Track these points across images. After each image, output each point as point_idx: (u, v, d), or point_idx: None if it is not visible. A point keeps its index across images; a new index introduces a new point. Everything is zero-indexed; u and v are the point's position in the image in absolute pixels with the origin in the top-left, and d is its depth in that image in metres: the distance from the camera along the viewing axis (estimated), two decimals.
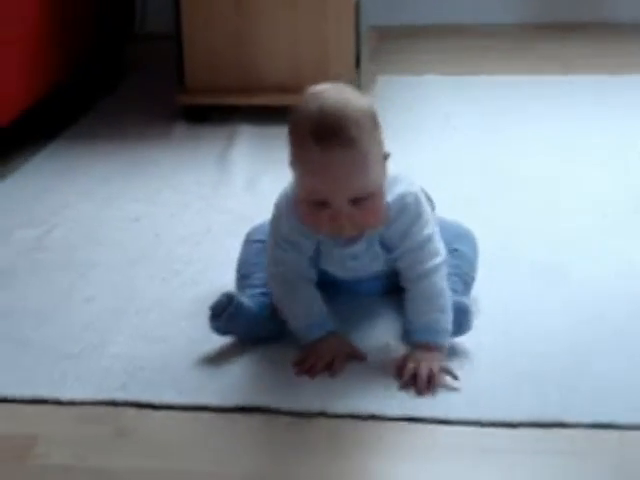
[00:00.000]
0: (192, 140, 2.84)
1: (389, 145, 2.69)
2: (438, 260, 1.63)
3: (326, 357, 1.60)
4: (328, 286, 1.73)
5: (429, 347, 1.59)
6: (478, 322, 1.71)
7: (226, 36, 2.99)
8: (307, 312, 1.65)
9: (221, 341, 1.70)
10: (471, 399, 1.53)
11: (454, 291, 1.68)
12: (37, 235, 2.20)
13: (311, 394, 1.56)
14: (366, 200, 1.55)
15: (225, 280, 1.90)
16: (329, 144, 1.50)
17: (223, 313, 1.66)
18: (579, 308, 1.80)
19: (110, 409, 1.55)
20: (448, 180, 2.42)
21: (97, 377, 1.63)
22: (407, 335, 1.65)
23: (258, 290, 1.73)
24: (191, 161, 2.67)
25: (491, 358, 1.64)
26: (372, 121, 1.57)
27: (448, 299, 1.62)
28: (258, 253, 1.78)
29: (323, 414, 1.51)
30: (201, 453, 1.44)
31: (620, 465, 1.39)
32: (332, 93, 1.56)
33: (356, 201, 1.54)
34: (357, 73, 3.00)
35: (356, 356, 1.63)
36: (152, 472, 1.40)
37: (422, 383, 1.53)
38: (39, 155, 2.73)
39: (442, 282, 1.63)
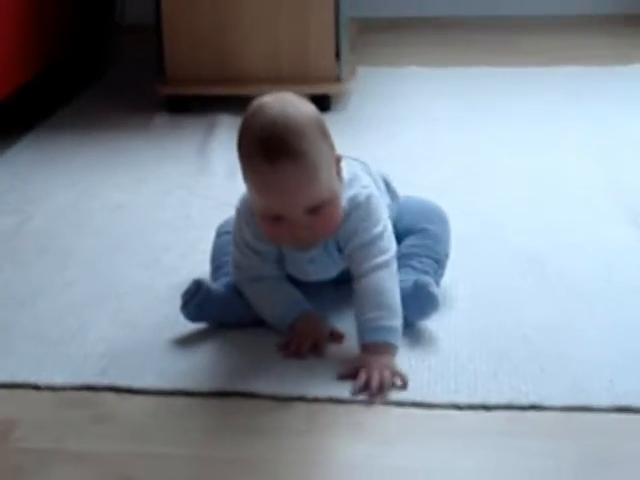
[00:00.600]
0: (173, 130, 2.85)
1: (369, 136, 2.74)
2: (386, 257, 1.60)
3: (310, 337, 1.61)
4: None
5: (378, 348, 1.55)
6: (457, 307, 1.73)
7: (207, 27, 2.99)
8: (280, 299, 1.66)
9: (201, 327, 1.71)
10: (448, 383, 1.54)
11: (425, 272, 1.69)
12: (17, 223, 2.20)
13: (290, 378, 1.56)
14: (322, 208, 1.54)
15: (205, 267, 1.90)
16: (276, 158, 1.49)
17: (192, 300, 1.66)
18: (558, 294, 1.81)
19: (89, 394, 1.55)
20: (428, 170, 2.43)
21: (76, 362, 1.62)
22: (358, 336, 1.59)
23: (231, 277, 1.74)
24: (172, 150, 2.67)
25: (469, 342, 1.65)
26: (318, 129, 1.55)
27: (397, 298, 1.59)
28: (229, 244, 1.77)
29: (302, 398, 1.51)
30: (179, 437, 1.44)
31: (596, 448, 1.39)
32: (275, 105, 1.54)
33: (312, 210, 1.53)
34: (337, 64, 3.01)
35: (335, 336, 1.64)
36: (131, 456, 1.40)
37: (373, 393, 1.50)
38: (19, 144, 2.73)
39: (390, 281, 1.59)
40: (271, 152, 1.49)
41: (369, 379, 1.51)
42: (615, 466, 1.36)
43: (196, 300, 1.67)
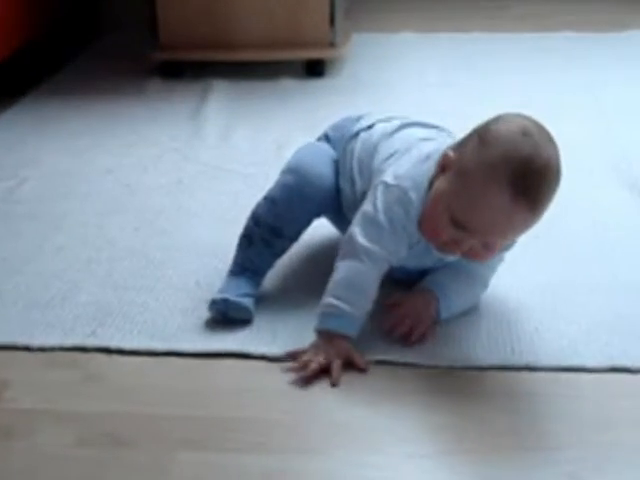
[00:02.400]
0: (166, 95, 2.83)
1: (362, 101, 2.72)
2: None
3: (321, 355, 1.47)
4: None
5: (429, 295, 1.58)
6: None
7: None
8: (351, 306, 1.50)
9: (192, 289, 1.70)
10: (442, 344, 1.54)
11: None
12: (8, 187, 2.19)
13: (281, 339, 1.56)
14: (495, 245, 1.49)
15: (197, 231, 1.90)
16: (521, 201, 1.41)
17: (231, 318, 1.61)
18: (553, 257, 1.80)
19: (80, 355, 1.54)
20: None
21: (67, 324, 1.62)
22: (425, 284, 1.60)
23: (269, 264, 1.68)
24: (165, 116, 2.65)
25: None
26: (558, 188, 1.46)
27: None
28: (301, 213, 1.67)
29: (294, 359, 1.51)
30: (170, 397, 1.44)
31: (591, 408, 1.39)
32: (543, 144, 1.45)
33: (486, 244, 1.48)
34: (331, 30, 2.98)
35: (355, 364, 1.48)
36: (121, 416, 1.39)
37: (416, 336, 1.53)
38: (11, 109, 2.71)
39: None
40: (524, 195, 1.40)
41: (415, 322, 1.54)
42: (610, 426, 1.36)
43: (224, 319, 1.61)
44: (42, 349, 1.56)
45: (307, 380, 1.45)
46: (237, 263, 1.68)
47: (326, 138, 1.80)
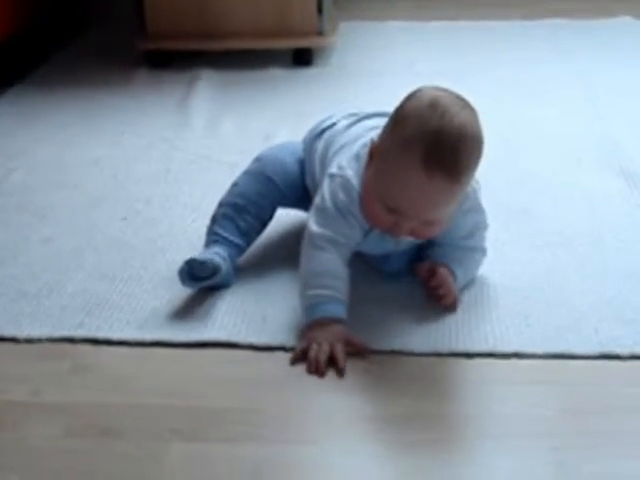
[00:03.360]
0: (154, 85, 2.82)
1: (351, 90, 2.71)
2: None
3: (323, 344, 1.45)
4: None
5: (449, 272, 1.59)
6: None
7: None
8: (329, 290, 1.50)
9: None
10: (429, 331, 1.53)
11: None
12: None
13: (270, 328, 1.55)
14: (437, 221, 1.50)
15: (184, 220, 1.89)
16: (437, 174, 1.40)
17: (201, 281, 1.62)
18: (543, 243, 1.80)
19: (68, 346, 1.53)
20: None
21: (55, 315, 1.60)
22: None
23: (236, 237, 1.69)
24: (152, 106, 2.64)
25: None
26: (480, 152, 1.45)
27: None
28: (261, 191, 1.72)
29: (282, 348, 1.50)
30: (159, 388, 1.43)
31: (580, 394, 1.39)
32: (454, 112, 1.42)
33: (426, 221, 1.49)
34: (319, 18, 2.97)
35: (354, 344, 1.48)
36: (110, 406, 1.39)
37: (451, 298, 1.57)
38: (0, 100, 2.70)
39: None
40: (437, 167, 1.40)
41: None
42: (599, 413, 1.35)
43: (205, 283, 1.62)
44: (29, 340, 1.54)
45: (323, 375, 1.43)
46: (205, 243, 1.71)
47: (303, 141, 1.82)
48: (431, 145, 1.40)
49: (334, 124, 1.76)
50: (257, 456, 1.27)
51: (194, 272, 1.61)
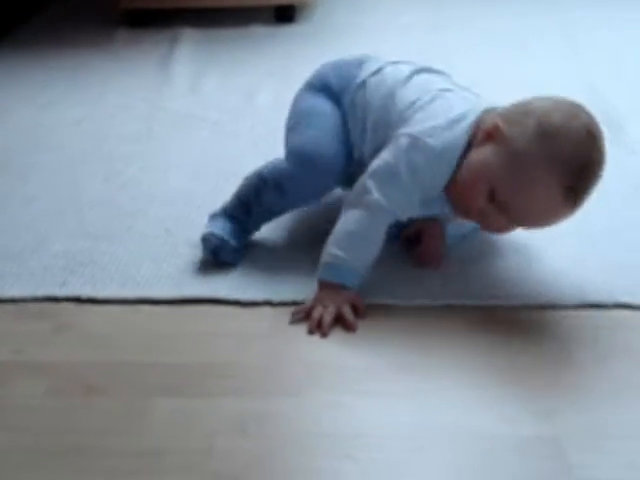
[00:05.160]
0: (134, 44, 2.79)
1: (335, 47, 2.69)
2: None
3: (330, 306, 1.45)
4: None
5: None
6: None
7: None
8: (361, 261, 1.48)
9: (163, 237, 1.69)
10: (414, 285, 1.53)
11: None
12: None
13: (256, 283, 1.54)
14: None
15: (168, 179, 1.88)
16: (572, 202, 1.40)
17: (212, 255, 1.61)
18: None
19: (50, 305, 1.52)
20: None
21: (37, 275, 1.59)
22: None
23: (261, 224, 1.66)
24: (133, 65, 2.62)
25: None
26: None
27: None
28: (308, 196, 1.63)
29: (268, 303, 1.50)
30: (143, 345, 1.42)
31: (563, 345, 1.39)
32: (603, 149, 1.41)
33: (519, 226, 1.47)
34: None
35: (357, 309, 1.46)
36: (94, 364, 1.38)
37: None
38: None
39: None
40: (577, 197, 1.39)
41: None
42: (586, 363, 1.36)
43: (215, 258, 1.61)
44: (13, 300, 1.53)
45: (326, 335, 1.42)
46: (231, 215, 1.64)
47: (326, 87, 1.69)
48: (581, 174, 1.38)
49: (377, 71, 1.65)
50: (241, 409, 1.27)
51: (220, 253, 1.59)
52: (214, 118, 2.20)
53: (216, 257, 1.60)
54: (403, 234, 1.63)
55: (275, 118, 2.17)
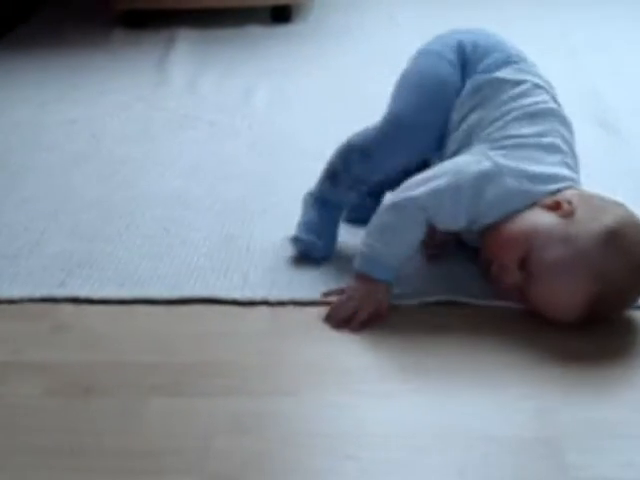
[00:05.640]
0: (131, 45, 2.80)
1: (331, 46, 2.70)
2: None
3: (355, 300, 1.44)
4: None
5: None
6: None
7: None
8: (399, 256, 1.46)
9: (160, 237, 1.69)
10: (416, 284, 1.53)
11: None
12: None
13: (253, 282, 1.54)
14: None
15: (165, 178, 1.88)
16: (586, 311, 1.36)
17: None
18: None
19: (48, 306, 1.52)
20: (389, 77, 2.38)
21: (35, 275, 1.59)
22: None
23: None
24: (130, 65, 2.62)
25: None
26: None
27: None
28: (397, 162, 1.60)
29: (265, 302, 1.50)
30: (141, 345, 1.42)
31: (554, 340, 1.39)
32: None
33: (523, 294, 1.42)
34: None
35: (380, 313, 1.45)
36: (91, 364, 1.38)
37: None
38: None
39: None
40: (593, 311, 1.36)
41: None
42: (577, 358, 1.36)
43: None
44: (10, 301, 1.53)
45: (336, 327, 1.43)
46: (319, 196, 1.64)
47: (460, 51, 1.64)
48: (611, 298, 1.36)
49: (520, 83, 1.58)
50: (237, 409, 1.27)
51: (311, 253, 1.60)
52: (211, 118, 2.20)
53: (308, 257, 1.60)
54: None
55: (272, 118, 2.19)
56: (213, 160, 1.99)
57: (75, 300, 1.53)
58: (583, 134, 2.03)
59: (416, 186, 1.46)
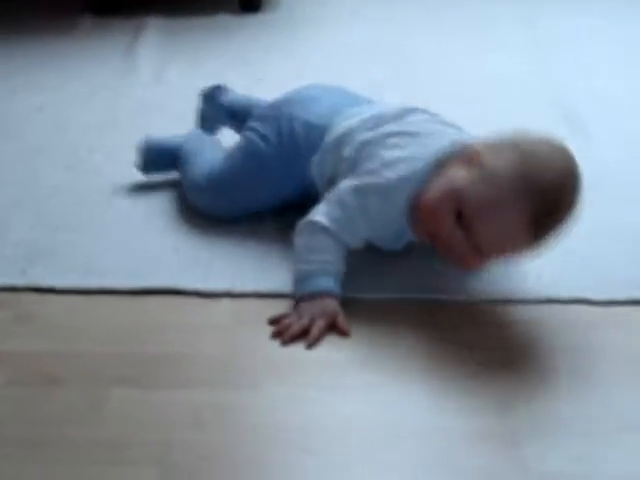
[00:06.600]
0: (99, 32, 2.76)
1: (301, 37, 2.69)
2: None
3: (305, 318, 1.41)
4: None
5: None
6: None
7: None
8: (326, 265, 1.46)
9: (125, 226, 1.69)
10: (389, 277, 1.54)
11: None
12: None
13: (216, 274, 1.55)
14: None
15: (131, 169, 1.87)
16: (533, 234, 1.38)
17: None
18: None
19: (10, 295, 1.52)
20: (364, 70, 2.40)
21: None
22: None
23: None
24: (98, 53, 2.59)
25: None
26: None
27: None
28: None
29: (228, 294, 1.50)
30: (103, 335, 1.42)
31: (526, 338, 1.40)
32: (580, 189, 1.40)
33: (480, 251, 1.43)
34: None
35: (338, 329, 1.42)
36: (53, 354, 1.38)
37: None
38: None
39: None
40: (540, 231, 1.38)
41: None
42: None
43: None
44: None
45: (286, 343, 1.39)
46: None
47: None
48: (552, 211, 1.38)
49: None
50: (198, 401, 1.27)
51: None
52: (178, 108, 2.18)
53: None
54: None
55: None
56: None
57: (38, 290, 1.53)
58: (548, 130, 2.06)
59: (315, 212, 1.49)
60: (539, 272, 1.55)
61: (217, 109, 1.95)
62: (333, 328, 1.41)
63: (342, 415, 1.26)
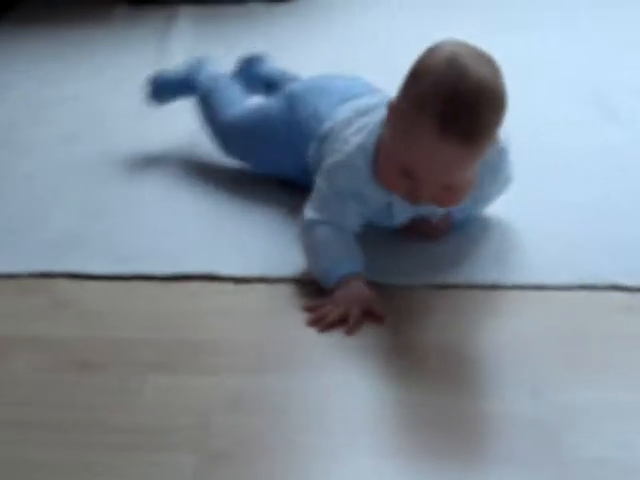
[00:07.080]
0: (133, 21, 2.79)
1: (331, 21, 2.69)
2: None
3: (341, 306, 1.40)
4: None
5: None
6: None
7: None
8: (335, 253, 1.46)
9: (162, 213, 1.70)
10: (411, 262, 1.54)
11: None
12: None
13: (252, 259, 1.55)
14: (458, 186, 1.41)
15: (167, 154, 1.88)
16: (453, 136, 1.31)
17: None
18: (519, 173, 1.79)
19: (47, 281, 1.53)
20: (392, 52, 2.39)
21: (35, 250, 1.60)
22: None
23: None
24: (132, 41, 2.62)
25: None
26: (502, 112, 1.36)
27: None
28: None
29: (263, 280, 1.51)
30: (139, 321, 1.43)
31: (550, 324, 1.40)
32: (472, 69, 1.32)
33: (446, 186, 1.40)
34: None
35: (374, 314, 1.41)
36: (90, 341, 1.38)
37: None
38: None
39: None
40: (454, 128, 1.31)
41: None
42: (574, 341, 1.36)
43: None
44: (11, 276, 1.54)
45: (323, 331, 1.39)
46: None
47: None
48: (447, 104, 1.30)
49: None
50: (234, 386, 1.27)
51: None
52: None
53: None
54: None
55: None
56: None
57: (74, 276, 1.54)
58: (577, 109, 2.05)
59: (304, 209, 1.52)
60: (573, 258, 1.54)
61: (253, 77, 2.01)
62: (368, 314, 1.41)
63: (380, 400, 1.25)
